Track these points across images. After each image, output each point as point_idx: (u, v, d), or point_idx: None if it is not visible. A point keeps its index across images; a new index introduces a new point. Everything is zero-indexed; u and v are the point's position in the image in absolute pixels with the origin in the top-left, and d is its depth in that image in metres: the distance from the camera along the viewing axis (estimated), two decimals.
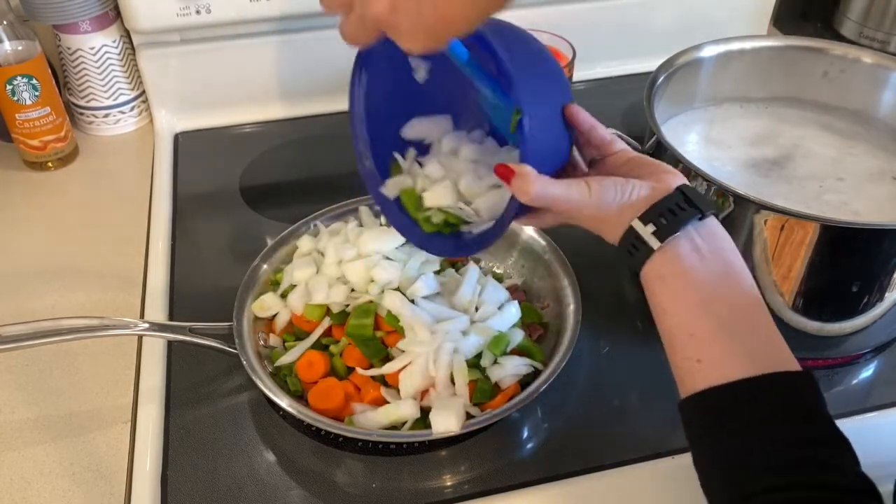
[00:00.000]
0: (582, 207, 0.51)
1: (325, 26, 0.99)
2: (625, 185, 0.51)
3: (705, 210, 0.49)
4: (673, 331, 0.49)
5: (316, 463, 0.62)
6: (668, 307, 0.49)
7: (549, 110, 0.53)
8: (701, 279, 0.48)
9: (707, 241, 0.49)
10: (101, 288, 0.78)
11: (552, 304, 0.71)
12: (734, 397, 0.45)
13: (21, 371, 0.69)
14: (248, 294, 0.69)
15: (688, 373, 0.47)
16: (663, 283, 0.49)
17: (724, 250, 0.49)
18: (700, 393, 0.46)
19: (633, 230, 0.50)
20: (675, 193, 0.50)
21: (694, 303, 0.48)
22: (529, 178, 0.50)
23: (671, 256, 0.49)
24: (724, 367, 0.46)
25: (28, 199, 0.91)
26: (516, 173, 0.51)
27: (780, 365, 0.46)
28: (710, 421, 0.46)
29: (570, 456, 0.62)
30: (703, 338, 0.47)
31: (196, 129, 1.02)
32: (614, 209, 0.51)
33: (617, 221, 0.51)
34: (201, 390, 0.67)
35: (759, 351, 0.46)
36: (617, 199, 0.51)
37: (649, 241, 0.49)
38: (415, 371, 0.62)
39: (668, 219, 0.49)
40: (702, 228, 0.49)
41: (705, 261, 0.49)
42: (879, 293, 0.65)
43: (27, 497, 0.60)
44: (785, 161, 0.75)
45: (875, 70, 0.77)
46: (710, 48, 0.79)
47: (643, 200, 0.50)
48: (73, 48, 0.95)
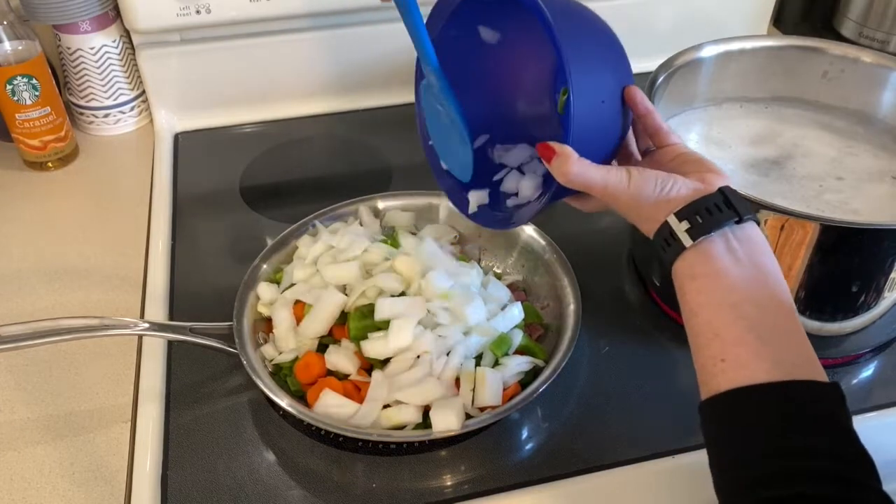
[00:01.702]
0: (620, 195, 0.51)
1: (325, 26, 0.99)
2: (665, 180, 0.51)
3: (744, 214, 0.49)
4: (699, 329, 0.48)
5: (316, 463, 0.62)
6: (696, 305, 0.48)
7: (602, 90, 0.52)
8: (732, 280, 0.47)
9: (743, 245, 0.48)
10: (101, 288, 0.78)
11: (552, 303, 0.71)
12: (756, 400, 0.44)
13: (21, 371, 0.69)
14: (248, 294, 0.69)
15: (710, 373, 0.46)
16: (693, 281, 0.49)
17: (759, 255, 0.49)
18: (721, 394, 0.45)
19: (668, 225, 0.50)
20: (715, 193, 0.49)
21: (723, 303, 0.47)
22: (570, 159, 0.50)
23: (704, 255, 0.48)
24: (748, 370, 0.45)
25: (28, 199, 0.91)
26: (556, 153, 0.51)
27: (807, 374, 0.45)
28: (729, 423, 0.45)
29: (569, 456, 0.62)
30: (729, 338, 0.46)
31: (196, 129, 1.02)
32: (651, 202, 0.50)
33: (654, 215, 0.51)
34: (201, 390, 0.67)
35: (787, 357, 0.45)
36: (655, 192, 0.51)
37: (682, 238, 0.49)
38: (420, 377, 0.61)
39: (703, 218, 0.48)
40: (739, 232, 0.49)
41: (739, 263, 0.48)
42: (879, 293, 0.65)
43: (27, 497, 0.60)
44: (785, 161, 0.75)
45: (875, 70, 0.77)
46: (710, 48, 0.78)
47: (682, 198, 0.50)
48: (73, 48, 0.95)
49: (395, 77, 1.03)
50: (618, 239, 0.83)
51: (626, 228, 0.84)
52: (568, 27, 0.51)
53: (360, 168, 0.95)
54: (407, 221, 0.78)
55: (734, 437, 0.45)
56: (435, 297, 0.65)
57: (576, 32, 0.52)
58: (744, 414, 0.45)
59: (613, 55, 0.54)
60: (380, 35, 1.00)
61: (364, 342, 0.63)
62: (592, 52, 0.53)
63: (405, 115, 1.03)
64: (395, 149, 0.97)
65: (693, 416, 0.66)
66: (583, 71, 0.50)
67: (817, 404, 0.44)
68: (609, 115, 0.53)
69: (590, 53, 0.52)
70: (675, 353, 0.72)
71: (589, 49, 0.52)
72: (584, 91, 0.50)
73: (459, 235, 0.78)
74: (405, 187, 0.81)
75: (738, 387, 0.45)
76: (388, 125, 1.02)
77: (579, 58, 0.50)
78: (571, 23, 0.52)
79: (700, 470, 0.61)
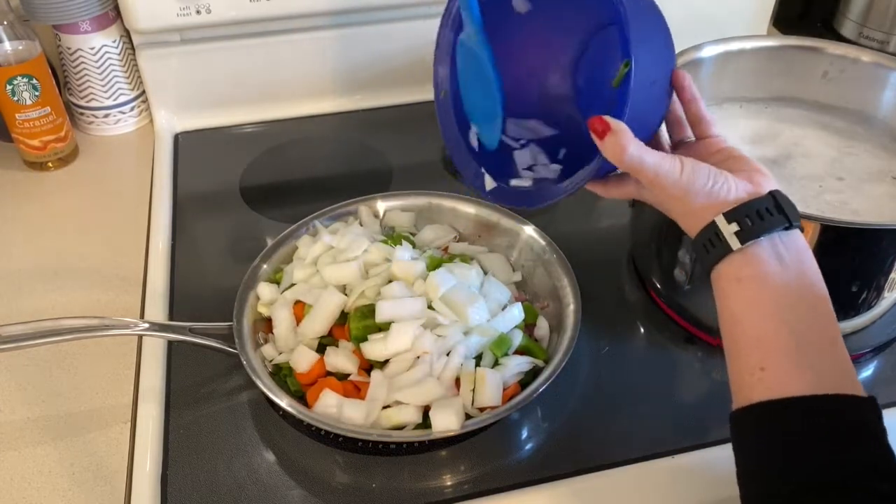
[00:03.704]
0: (669, 185, 0.48)
1: (325, 26, 0.99)
2: (717, 176, 0.49)
3: (793, 220, 0.47)
4: (739, 336, 0.46)
5: (316, 463, 0.62)
6: (738, 310, 0.47)
7: (655, 70, 0.50)
8: (779, 287, 0.46)
9: (789, 251, 0.47)
10: (101, 288, 0.78)
11: (552, 304, 0.71)
12: (795, 414, 0.43)
13: (21, 371, 0.70)
14: (248, 294, 0.69)
15: (747, 382, 0.45)
16: (739, 284, 0.47)
17: (805, 263, 0.47)
18: (757, 405, 0.44)
19: (715, 226, 0.48)
20: (766, 197, 0.48)
21: (768, 309, 0.46)
22: (627, 136, 0.47)
23: (751, 259, 0.47)
24: (787, 381, 0.43)
25: (28, 199, 0.91)
26: (612, 129, 0.48)
27: (846, 387, 0.43)
28: (764, 436, 0.44)
29: (569, 456, 0.62)
30: (772, 346, 0.45)
31: (196, 129, 1.02)
32: (701, 198, 0.48)
33: (700, 212, 0.49)
34: (201, 390, 0.67)
35: (827, 370, 0.44)
36: (707, 187, 0.48)
37: (729, 241, 0.47)
38: (420, 377, 0.61)
39: (754, 221, 0.47)
40: (786, 238, 0.47)
41: (786, 270, 0.46)
42: (879, 293, 0.65)
43: (27, 497, 0.60)
44: (784, 161, 0.75)
45: (875, 70, 0.77)
46: (710, 48, 0.78)
47: (732, 198, 0.48)
48: (73, 48, 0.95)
49: (395, 77, 1.03)
50: (618, 239, 0.83)
51: (627, 228, 0.84)
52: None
53: (360, 168, 0.95)
54: (407, 221, 0.78)
55: (770, 451, 0.43)
56: (435, 298, 0.65)
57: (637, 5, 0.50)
58: (781, 427, 0.43)
59: (666, 36, 0.53)
60: (380, 35, 1.00)
61: (364, 344, 0.63)
62: (651, 29, 0.51)
63: (405, 115, 1.04)
64: (395, 149, 0.97)
65: (692, 417, 0.66)
66: (644, 45, 0.49)
67: (856, 420, 0.42)
68: (656, 98, 0.51)
69: (649, 29, 0.51)
70: (675, 353, 0.72)
71: (648, 25, 0.51)
72: (642, 67, 0.48)
73: (459, 235, 0.78)
74: (405, 187, 0.81)
75: (776, 398, 0.43)
76: (388, 125, 1.02)
77: (640, 31, 0.49)
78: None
79: (700, 470, 0.61)
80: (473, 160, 0.64)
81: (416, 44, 1.01)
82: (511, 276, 0.74)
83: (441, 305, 0.65)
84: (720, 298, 0.48)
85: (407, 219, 0.78)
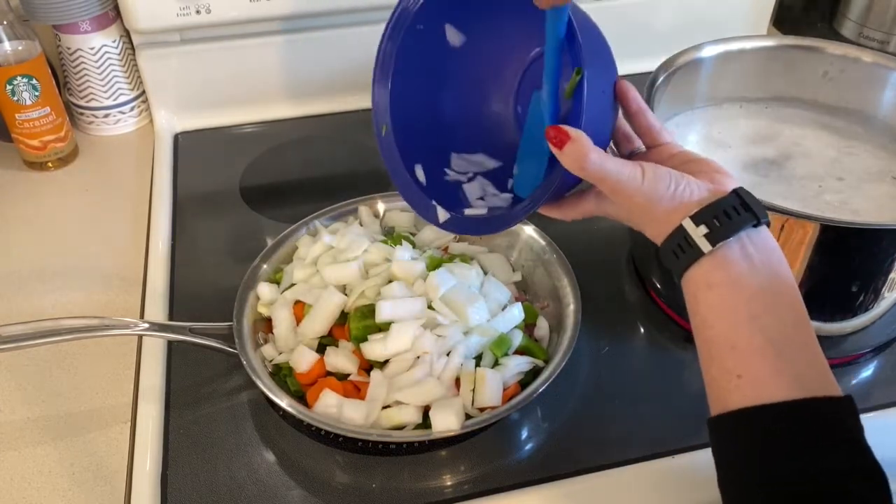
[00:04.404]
0: (633, 192, 0.47)
1: (325, 26, 0.99)
2: (679, 179, 0.48)
3: (761, 217, 0.46)
4: (713, 341, 0.45)
5: (316, 463, 0.62)
6: (710, 316, 0.46)
7: (604, 80, 0.50)
8: (750, 290, 0.45)
9: (758, 250, 0.46)
10: (101, 288, 0.78)
11: (552, 304, 0.71)
12: (774, 420, 0.42)
13: (21, 371, 0.70)
14: (248, 294, 0.69)
15: (724, 388, 0.44)
16: (709, 290, 0.46)
17: (775, 262, 0.46)
18: (736, 412, 0.43)
19: (683, 230, 0.46)
20: (730, 195, 0.46)
21: (741, 314, 0.45)
22: (587, 143, 0.46)
23: (721, 262, 0.45)
24: (765, 386, 0.43)
25: (28, 199, 0.91)
26: (572, 137, 0.46)
27: (824, 388, 0.43)
28: (743, 443, 0.43)
29: (569, 456, 0.62)
30: (747, 351, 0.44)
31: (196, 129, 1.02)
32: (665, 203, 0.47)
33: (665, 218, 0.48)
34: (201, 390, 0.67)
35: (805, 372, 0.43)
36: (670, 191, 0.47)
37: (699, 244, 0.46)
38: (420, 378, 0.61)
39: (721, 221, 0.45)
40: (755, 236, 0.46)
41: (755, 270, 0.45)
42: (879, 293, 0.65)
43: (27, 497, 0.60)
44: (784, 161, 0.75)
45: (875, 70, 0.77)
46: (710, 48, 0.78)
47: (696, 200, 0.47)
48: (73, 48, 0.95)
49: None
50: (618, 239, 0.83)
51: (626, 228, 0.84)
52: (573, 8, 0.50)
53: (360, 168, 0.95)
54: (407, 221, 0.78)
55: (750, 458, 0.43)
56: (435, 298, 0.65)
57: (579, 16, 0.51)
58: (760, 434, 0.43)
59: (609, 51, 0.53)
60: (380, 35, 1.00)
61: (364, 344, 0.63)
62: (596, 43, 0.51)
63: None
64: None
65: (692, 417, 0.66)
66: (593, 55, 0.48)
67: (835, 422, 0.42)
68: (606, 107, 0.51)
69: (595, 43, 0.51)
70: (675, 353, 0.72)
71: (594, 39, 0.51)
72: (594, 75, 0.48)
73: (459, 235, 0.78)
74: None
75: (754, 405, 0.43)
76: None
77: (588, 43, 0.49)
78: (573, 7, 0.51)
79: (699, 470, 0.61)
80: (423, 194, 0.62)
81: None
82: (511, 276, 0.74)
83: (441, 305, 0.65)
84: (691, 304, 0.47)
85: (407, 219, 0.78)
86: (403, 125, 0.63)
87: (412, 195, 0.62)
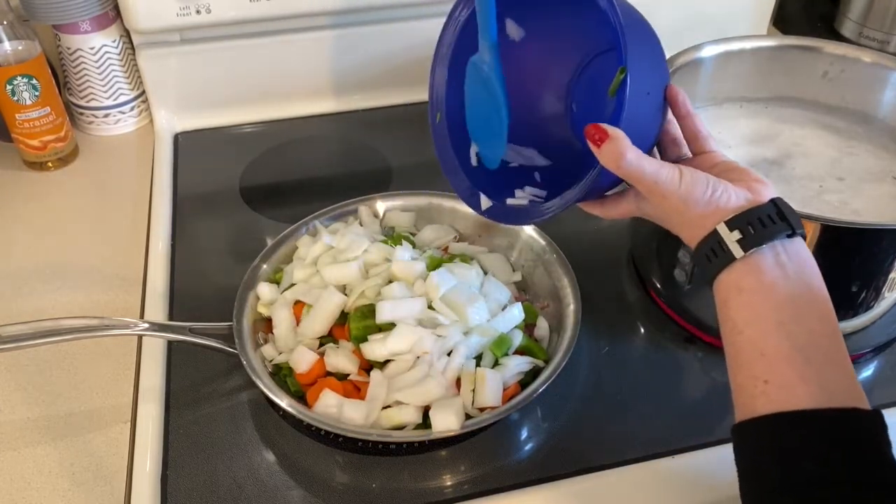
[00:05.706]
0: (669, 194, 0.48)
1: (325, 26, 0.99)
2: (716, 184, 0.48)
3: (796, 227, 0.47)
4: (742, 347, 0.46)
5: (316, 463, 0.62)
6: (740, 321, 0.46)
7: (649, 80, 0.51)
8: (781, 297, 0.45)
9: (792, 260, 0.46)
10: (101, 288, 0.78)
11: (552, 304, 0.71)
12: (800, 428, 0.42)
13: (21, 371, 0.70)
14: (248, 294, 0.69)
15: (750, 394, 0.44)
16: (740, 295, 0.46)
17: (808, 271, 0.47)
18: (762, 417, 0.43)
19: (717, 234, 0.47)
20: (767, 204, 0.47)
21: (770, 320, 0.45)
22: (625, 142, 0.47)
23: (753, 268, 0.46)
24: (792, 394, 0.43)
25: (28, 199, 0.91)
26: (610, 136, 0.47)
27: (851, 400, 0.43)
28: (768, 450, 0.43)
29: (569, 456, 0.62)
30: (775, 358, 0.44)
31: (196, 129, 1.02)
32: (700, 207, 0.48)
33: (700, 221, 0.48)
34: (201, 390, 0.67)
35: (833, 382, 0.43)
36: (707, 195, 0.48)
37: (732, 249, 0.46)
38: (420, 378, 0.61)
39: (756, 229, 0.46)
40: (788, 246, 0.47)
41: (788, 279, 0.46)
42: (879, 293, 0.65)
43: (27, 497, 0.60)
44: (785, 161, 0.75)
45: (875, 70, 0.77)
46: (710, 48, 0.78)
47: (733, 206, 0.48)
48: (73, 48, 0.95)
49: (395, 77, 1.03)
50: (618, 239, 0.83)
51: (627, 229, 0.84)
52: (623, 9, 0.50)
53: (360, 168, 0.95)
54: (407, 221, 0.78)
55: (771, 465, 0.42)
56: (436, 298, 0.65)
57: (630, 17, 0.51)
58: (785, 441, 0.42)
59: (660, 51, 0.53)
60: (380, 35, 1.00)
61: (364, 344, 0.63)
62: (645, 42, 0.52)
63: (405, 115, 1.04)
64: (395, 149, 0.97)
65: (692, 417, 0.66)
66: (638, 55, 0.49)
67: (862, 435, 0.42)
68: (651, 109, 0.51)
69: (643, 42, 0.51)
70: (675, 353, 0.72)
71: (643, 37, 0.52)
72: (638, 74, 0.48)
73: (459, 235, 0.78)
74: (405, 187, 0.81)
75: (780, 411, 0.43)
76: (388, 125, 1.02)
77: (635, 41, 0.49)
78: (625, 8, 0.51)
79: (700, 470, 0.61)
80: (468, 180, 0.65)
81: (416, 44, 1.01)
82: (511, 276, 0.74)
83: (441, 305, 0.65)
84: (721, 308, 0.48)
85: (407, 219, 0.78)
86: (456, 115, 0.65)
87: (458, 182, 0.65)
